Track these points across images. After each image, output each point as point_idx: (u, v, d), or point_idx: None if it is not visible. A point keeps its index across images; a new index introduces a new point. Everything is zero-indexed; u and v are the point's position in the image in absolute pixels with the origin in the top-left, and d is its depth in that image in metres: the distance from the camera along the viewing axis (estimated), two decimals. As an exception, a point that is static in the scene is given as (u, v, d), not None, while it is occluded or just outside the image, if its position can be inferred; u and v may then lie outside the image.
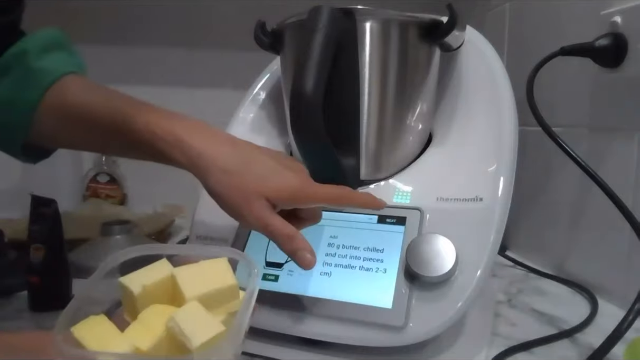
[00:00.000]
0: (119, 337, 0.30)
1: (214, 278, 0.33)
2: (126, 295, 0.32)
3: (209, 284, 0.32)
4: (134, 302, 0.32)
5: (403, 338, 0.43)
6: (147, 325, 0.30)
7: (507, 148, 0.51)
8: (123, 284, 0.32)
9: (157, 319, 0.30)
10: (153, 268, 0.33)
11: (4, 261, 0.64)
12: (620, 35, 0.54)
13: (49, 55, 0.48)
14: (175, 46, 1.06)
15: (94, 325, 0.30)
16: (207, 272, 0.33)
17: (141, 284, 0.32)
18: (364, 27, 0.50)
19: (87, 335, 0.29)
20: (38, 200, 0.56)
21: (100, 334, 0.29)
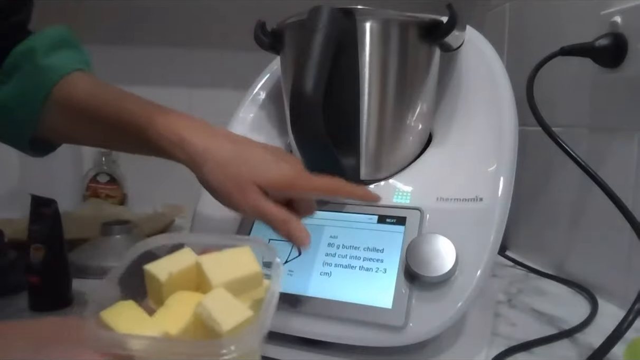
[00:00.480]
0: (148, 322, 0.30)
1: (239, 265, 0.33)
2: (152, 283, 0.32)
3: (235, 271, 0.32)
4: (159, 289, 0.32)
5: (403, 338, 0.43)
6: (175, 311, 0.31)
7: (507, 148, 0.51)
8: (149, 271, 0.32)
9: (184, 305, 0.31)
10: (177, 256, 0.33)
11: (4, 261, 0.64)
12: (620, 35, 0.54)
13: (56, 53, 0.49)
14: (175, 46, 1.06)
15: (123, 310, 0.30)
16: (231, 260, 0.33)
17: (167, 271, 0.32)
18: (364, 27, 0.50)
19: (116, 320, 0.29)
20: (38, 200, 0.56)
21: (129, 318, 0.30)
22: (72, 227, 0.69)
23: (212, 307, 0.29)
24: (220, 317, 0.28)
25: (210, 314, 0.29)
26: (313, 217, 0.51)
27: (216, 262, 0.33)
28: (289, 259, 0.49)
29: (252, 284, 0.33)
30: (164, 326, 0.29)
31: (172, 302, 0.31)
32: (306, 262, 0.49)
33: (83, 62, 0.52)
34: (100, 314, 0.29)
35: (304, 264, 0.49)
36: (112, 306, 0.30)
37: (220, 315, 0.28)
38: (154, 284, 0.32)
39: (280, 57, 0.59)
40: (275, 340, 0.46)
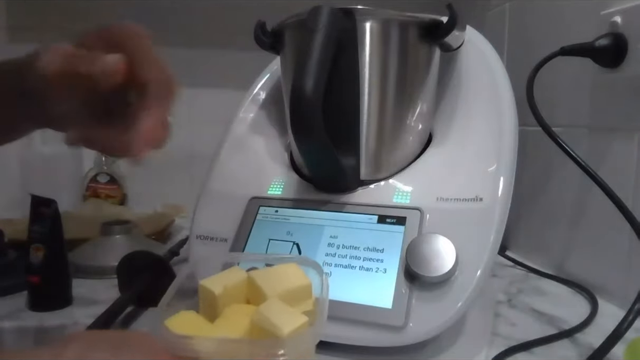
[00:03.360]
0: (210, 328, 0.32)
1: (289, 279, 0.35)
2: (206, 297, 0.34)
3: (286, 284, 0.34)
4: (214, 303, 0.33)
5: (403, 338, 0.43)
6: (232, 320, 0.32)
7: (507, 148, 0.51)
8: (204, 285, 0.34)
9: (240, 316, 0.32)
10: (228, 273, 0.36)
11: (4, 261, 0.64)
12: (620, 35, 0.54)
13: None
14: (175, 46, 1.06)
15: (186, 319, 0.32)
16: (281, 274, 0.35)
17: (222, 285, 0.34)
18: (364, 27, 0.50)
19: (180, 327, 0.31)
20: (38, 200, 0.56)
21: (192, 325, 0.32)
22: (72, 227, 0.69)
23: (270, 313, 0.31)
24: (279, 321, 0.30)
25: (269, 319, 0.30)
26: (313, 217, 0.51)
27: (267, 276, 0.35)
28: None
29: (303, 296, 0.35)
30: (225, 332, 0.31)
31: (228, 313, 0.33)
32: (306, 262, 0.49)
33: None
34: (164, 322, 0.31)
35: (304, 264, 0.49)
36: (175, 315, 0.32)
37: (279, 320, 0.30)
38: (208, 298, 0.34)
39: (280, 57, 0.59)
40: (275, 340, 0.46)
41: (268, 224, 0.53)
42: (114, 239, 0.71)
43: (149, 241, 0.77)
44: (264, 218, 0.53)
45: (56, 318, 0.54)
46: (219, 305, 0.33)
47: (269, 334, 0.30)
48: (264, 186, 0.56)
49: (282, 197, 0.55)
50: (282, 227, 0.52)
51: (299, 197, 0.54)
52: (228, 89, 0.86)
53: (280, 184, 0.56)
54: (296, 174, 0.57)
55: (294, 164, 0.58)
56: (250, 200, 0.55)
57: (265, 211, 0.54)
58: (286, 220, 0.52)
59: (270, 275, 0.35)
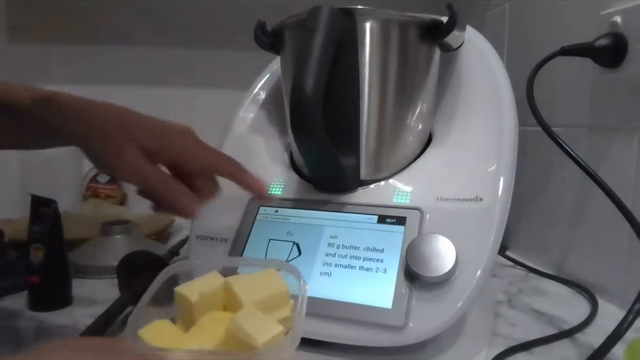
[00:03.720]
0: (184, 338, 0.31)
1: (266, 285, 0.35)
2: (182, 304, 0.34)
3: (263, 291, 0.34)
4: (190, 310, 0.33)
5: (403, 338, 0.43)
6: (207, 328, 0.32)
7: (507, 148, 0.51)
8: (180, 292, 0.34)
9: (216, 323, 0.32)
10: (205, 278, 0.35)
11: (4, 261, 0.64)
12: (620, 35, 0.54)
13: None
14: (175, 46, 1.06)
15: (159, 328, 0.32)
16: (259, 281, 0.35)
17: (198, 291, 0.33)
18: (364, 27, 0.50)
19: (154, 337, 0.30)
20: (38, 200, 0.56)
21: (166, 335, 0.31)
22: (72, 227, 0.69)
23: (244, 322, 0.30)
24: (254, 331, 0.29)
25: (244, 328, 0.30)
26: (313, 217, 0.51)
27: (245, 282, 0.34)
28: (289, 259, 0.49)
29: (280, 303, 0.34)
30: (199, 342, 0.31)
31: (204, 321, 0.33)
32: (306, 262, 0.49)
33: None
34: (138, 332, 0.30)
35: (303, 264, 0.48)
36: (149, 325, 0.32)
37: (253, 330, 0.29)
38: (184, 305, 0.33)
39: (280, 57, 0.59)
40: (275, 340, 0.46)
41: (268, 224, 0.53)
42: (114, 239, 0.71)
43: (149, 241, 0.77)
44: (264, 218, 0.53)
45: (56, 318, 0.54)
46: (195, 312, 0.33)
47: (243, 343, 0.29)
48: (264, 186, 0.56)
49: (282, 197, 0.55)
50: (282, 227, 0.52)
51: (299, 197, 0.54)
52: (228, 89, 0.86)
53: (280, 184, 0.56)
54: (296, 174, 0.57)
55: (294, 164, 0.58)
56: (250, 200, 0.55)
57: (265, 211, 0.54)
58: (286, 220, 0.52)
59: (248, 282, 0.34)
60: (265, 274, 0.36)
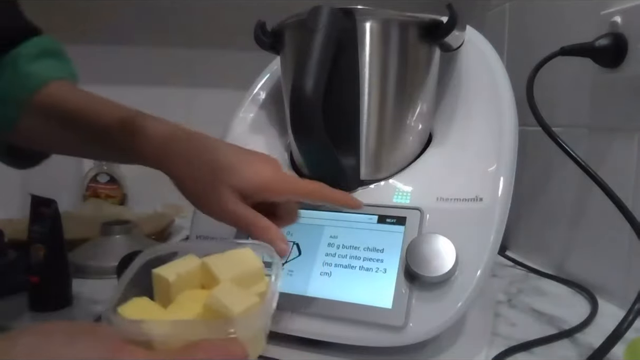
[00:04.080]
0: (162, 314, 0.32)
1: (242, 263, 0.35)
2: (159, 284, 0.34)
3: (239, 268, 0.35)
4: (168, 290, 0.33)
5: (403, 338, 0.43)
6: (185, 305, 0.33)
7: (507, 148, 0.51)
8: (158, 273, 0.34)
9: (193, 301, 0.33)
10: (182, 260, 0.36)
11: (4, 261, 0.64)
12: (620, 35, 0.54)
13: (39, 61, 0.50)
14: (175, 46, 1.06)
15: (139, 305, 0.32)
16: (235, 259, 0.36)
17: (175, 272, 0.34)
18: (364, 27, 0.50)
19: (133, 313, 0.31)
20: (38, 200, 0.56)
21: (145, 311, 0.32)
22: (72, 227, 0.69)
23: (221, 295, 0.31)
24: (230, 303, 0.30)
25: (221, 300, 0.30)
26: (313, 217, 0.51)
27: (221, 261, 0.35)
28: (289, 259, 0.49)
29: (255, 279, 0.35)
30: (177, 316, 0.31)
31: (181, 299, 0.33)
32: (306, 262, 0.49)
33: (66, 71, 0.52)
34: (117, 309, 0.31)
35: (304, 264, 0.49)
36: (128, 302, 0.32)
37: (230, 302, 0.30)
38: (162, 285, 0.34)
39: (280, 57, 0.59)
40: (275, 340, 0.46)
41: (268, 224, 0.53)
42: (114, 239, 0.71)
43: (149, 241, 0.77)
44: (264, 218, 0.53)
45: (56, 318, 0.54)
46: (172, 292, 0.33)
47: (220, 315, 0.30)
48: (264, 186, 0.56)
49: (282, 197, 0.54)
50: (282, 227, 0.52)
51: (299, 197, 0.54)
52: (228, 89, 0.86)
53: (280, 184, 0.56)
54: (296, 174, 0.57)
55: (294, 164, 0.58)
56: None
57: (265, 211, 0.54)
58: (286, 220, 0.52)
59: (224, 260, 0.35)
60: (240, 253, 0.36)
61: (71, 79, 0.52)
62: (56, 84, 0.49)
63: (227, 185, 0.41)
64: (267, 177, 0.43)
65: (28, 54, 0.49)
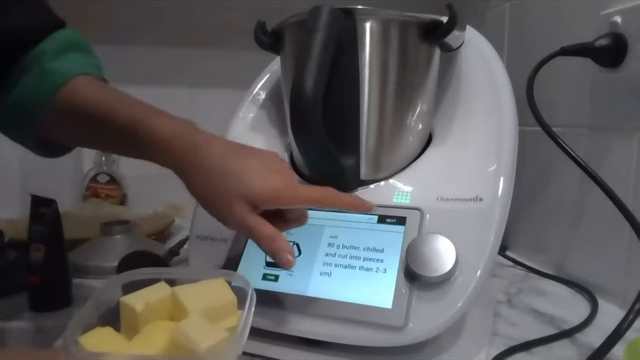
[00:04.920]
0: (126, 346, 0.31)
1: (213, 294, 0.34)
2: (127, 313, 0.33)
3: (210, 300, 0.34)
4: (135, 320, 0.32)
5: (403, 338, 0.43)
6: (151, 337, 0.31)
7: (507, 148, 0.51)
8: (125, 302, 0.33)
9: (160, 332, 0.31)
10: (152, 288, 0.35)
11: (4, 261, 0.64)
12: (620, 35, 0.54)
13: (64, 56, 0.50)
14: (175, 46, 1.06)
15: (101, 335, 0.31)
16: (206, 290, 0.35)
17: (143, 301, 0.33)
18: (364, 27, 0.50)
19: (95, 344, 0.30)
20: (38, 200, 0.56)
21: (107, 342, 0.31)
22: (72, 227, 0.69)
23: (189, 329, 0.30)
24: (197, 337, 0.29)
25: (188, 335, 0.29)
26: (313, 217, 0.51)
27: (191, 291, 0.34)
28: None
29: (226, 312, 0.34)
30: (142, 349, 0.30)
31: (148, 330, 0.32)
32: (306, 262, 0.49)
33: (92, 65, 0.52)
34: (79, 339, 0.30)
35: (304, 264, 0.49)
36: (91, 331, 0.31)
37: (197, 336, 0.29)
38: (129, 315, 0.33)
39: (280, 57, 0.59)
40: (276, 340, 0.46)
41: (268, 224, 0.53)
42: (114, 239, 0.71)
43: (149, 241, 0.77)
44: (264, 218, 0.53)
45: (56, 318, 0.54)
46: (140, 322, 0.32)
47: (186, 350, 0.29)
48: (264, 186, 0.56)
49: (282, 197, 0.54)
50: (282, 227, 0.52)
51: (299, 197, 0.54)
52: (228, 89, 0.86)
53: (280, 184, 0.56)
54: (296, 174, 0.57)
55: (294, 164, 0.58)
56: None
57: (265, 211, 0.54)
58: (286, 220, 0.52)
59: (195, 291, 0.34)
60: (213, 284, 0.35)
61: (96, 73, 0.52)
62: (80, 79, 0.49)
63: (236, 194, 0.42)
64: (276, 187, 0.43)
65: (52, 49, 0.49)
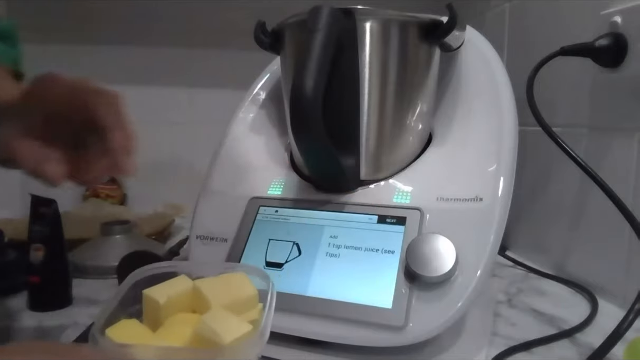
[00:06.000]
0: (151, 338, 0.31)
1: (235, 288, 0.34)
2: (150, 306, 0.33)
3: (232, 294, 0.34)
4: (158, 312, 0.33)
5: (403, 338, 0.43)
6: (175, 330, 0.32)
7: (507, 148, 0.51)
8: (148, 295, 0.33)
9: (183, 325, 0.32)
10: (174, 282, 0.35)
11: (4, 261, 0.64)
12: (620, 35, 0.54)
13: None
14: (175, 46, 1.06)
15: (127, 327, 0.32)
16: (228, 284, 0.35)
17: (166, 294, 0.33)
18: (364, 27, 0.50)
19: (121, 336, 0.30)
20: (38, 200, 0.56)
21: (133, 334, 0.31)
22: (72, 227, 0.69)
23: (212, 322, 0.30)
24: (221, 330, 0.29)
25: (212, 328, 0.29)
26: (313, 217, 0.51)
27: (214, 285, 0.34)
28: (289, 259, 0.49)
29: (248, 306, 0.34)
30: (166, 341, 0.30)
31: (171, 322, 0.32)
32: (306, 262, 0.49)
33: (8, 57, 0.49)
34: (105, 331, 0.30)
35: (304, 264, 0.49)
36: (116, 324, 0.31)
37: (221, 329, 0.29)
38: (152, 307, 0.33)
39: (280, 57, 0.59)
40: (275, 340, 0.46)
41: (268, 224, 0.53)
42: (114, 239, 0.71)
43: (149, 241, 0.77)
44: (264, 218, 0.53)
45: (56, 318, 0.54)
46: (162, 315, 0.33)
47: (210, 342, 0.29)
48: (264, 186, 0.56)
49: (282, 197, 0.55)
50: (282, 227, 0.52)
51: (299, 197, 0.54)
52: (228, 89, 0.86)
53: (280, 184, 0.56)
54: (296, 174, 0.57)
55: (294, 164, 0.58)
56: (250, 200, 0.55)
57: (265, 211, 0.54)
58: (286, 220, 0.52)
59: (217, 285, 0.34)
60: (234, 277, 0.36)
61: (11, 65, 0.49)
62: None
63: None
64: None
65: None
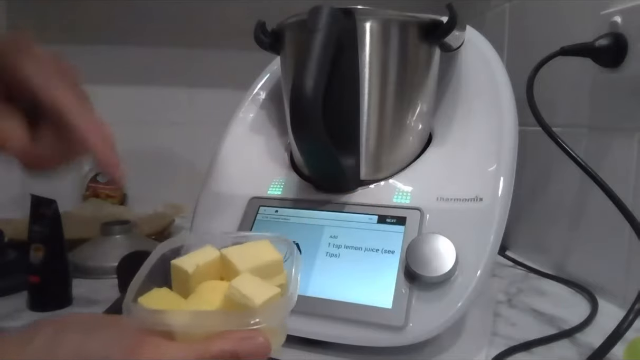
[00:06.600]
0: (183, 304, 0.32)
1: (260, 254, 0.35)
2: (178, 276, 0.34)
3: (258, 259, 0.35)
4: (187, 281, 0.33)
5: (403, 338, 0.43)
6: (205, 296, 0.32)
7: (507, 148, 0.51)
8: (176, 264, 0.34)
9: (213, 292, 0.33)
10: (201, 252, 0.36)
11: (4, 261, 0.64)
12: (620, 35, 0.54)
13: None
14: (175, 46, 1.06)
15: (159, 296, 0.32)
16: (253, 251, 0.36)
17: (194, 263, 0.34)
18: (364, 27, 0.50)
19: (154, 303, 0.31)
20: (38, 200, 0.56)
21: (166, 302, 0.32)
22: (72, 227, 0.69)
23: (242, 286, 0.31)
24: (251, 294, 0.30)
25: (242, 291, 0.30)
26: (313, 217, 0.51)
27: (239, 252, 0.35)
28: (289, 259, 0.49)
29: (274, 271, 0.35)
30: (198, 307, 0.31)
31: (201, 289, 0.33)
32: (306, 262, 0.49)
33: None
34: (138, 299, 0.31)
35: (304, 264, 0.49)
36: (149, 292, 0.32)
37: (251, 292, 0.30)
38: (181, 277, 0.34)
39: (280, 57, 0.59)
40: (275, 340, 0.46)
41: (268, 224, 0.53)
42: (114, 239, 0.71)
43: (149, 241, 0.77)
44: (264, 218, 0.53)
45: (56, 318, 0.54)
46: (191, 284, 0.33)
47: (242, 306, 0.30)
48: (264, 186, 0.56)
49: (282, 197, 0.55)
50: (282, 227, 0.52)
51: (299, 197, 0.54)
52: (228, 89, 0.86)
53: (280, 184, 0.56)
54: (296, 174, 0.57)
55: (294, 164, 0.58)
56: (250, 200, 0.55)
57: (265, 211, 0.54)
58: (286, 220, 0.52)
59: (243, 252, 0.35)
60: (259, 245, 0.36)
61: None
62: None
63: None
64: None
65: None
